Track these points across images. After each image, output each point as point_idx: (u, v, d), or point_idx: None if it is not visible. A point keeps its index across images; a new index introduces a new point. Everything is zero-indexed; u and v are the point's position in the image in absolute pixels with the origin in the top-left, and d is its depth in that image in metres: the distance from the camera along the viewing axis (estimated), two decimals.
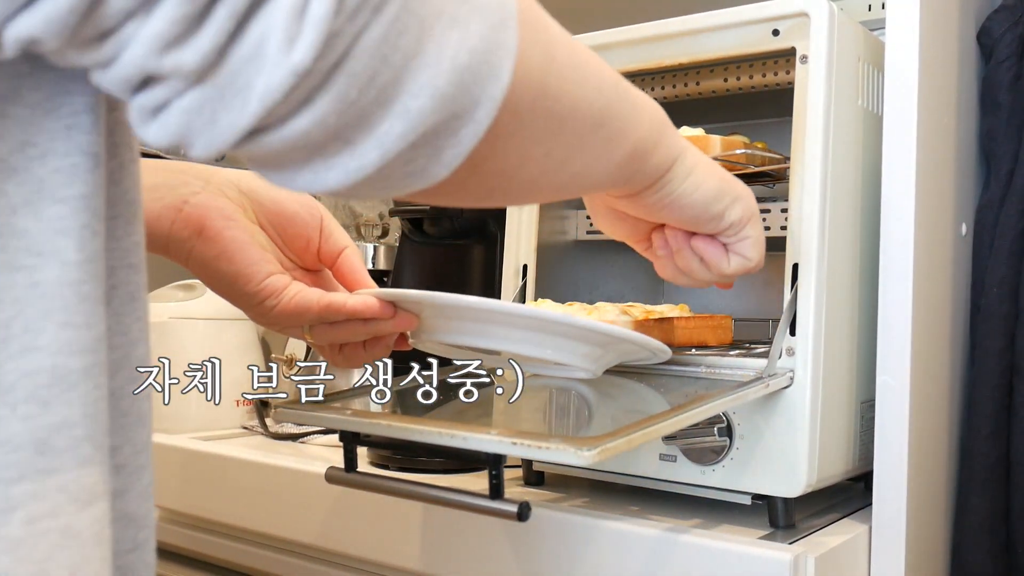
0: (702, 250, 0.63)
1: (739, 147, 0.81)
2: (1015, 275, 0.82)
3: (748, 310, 1.00)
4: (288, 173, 0.36)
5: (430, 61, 0.34)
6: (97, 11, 0.29)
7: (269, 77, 0.31)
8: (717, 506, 0.77)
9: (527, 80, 0.39)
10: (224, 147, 0.33)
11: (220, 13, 0.30)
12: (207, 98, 0.31)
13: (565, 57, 0.42)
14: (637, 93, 0.51)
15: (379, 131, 0.34)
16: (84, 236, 0.35)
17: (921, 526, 0.76)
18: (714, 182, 0.58)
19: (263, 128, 0.33)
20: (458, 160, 0.37)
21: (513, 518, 0.57)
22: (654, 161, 0.54)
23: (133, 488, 0.40)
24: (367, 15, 0.31)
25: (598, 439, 0.54)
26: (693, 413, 0.62)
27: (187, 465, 0.99)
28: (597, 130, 0.46)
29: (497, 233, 1.02)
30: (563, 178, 0.48)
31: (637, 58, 0.83)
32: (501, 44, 0.36)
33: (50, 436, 0.34)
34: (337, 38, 0.31)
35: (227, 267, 0.61)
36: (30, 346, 0.34)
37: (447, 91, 0.34)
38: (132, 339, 0.40)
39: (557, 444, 0.54)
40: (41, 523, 0.34)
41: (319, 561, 0.90)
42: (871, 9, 0.89)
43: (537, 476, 0.86)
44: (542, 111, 0.41)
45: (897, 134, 0.73)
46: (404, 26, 0.33)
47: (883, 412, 0.73)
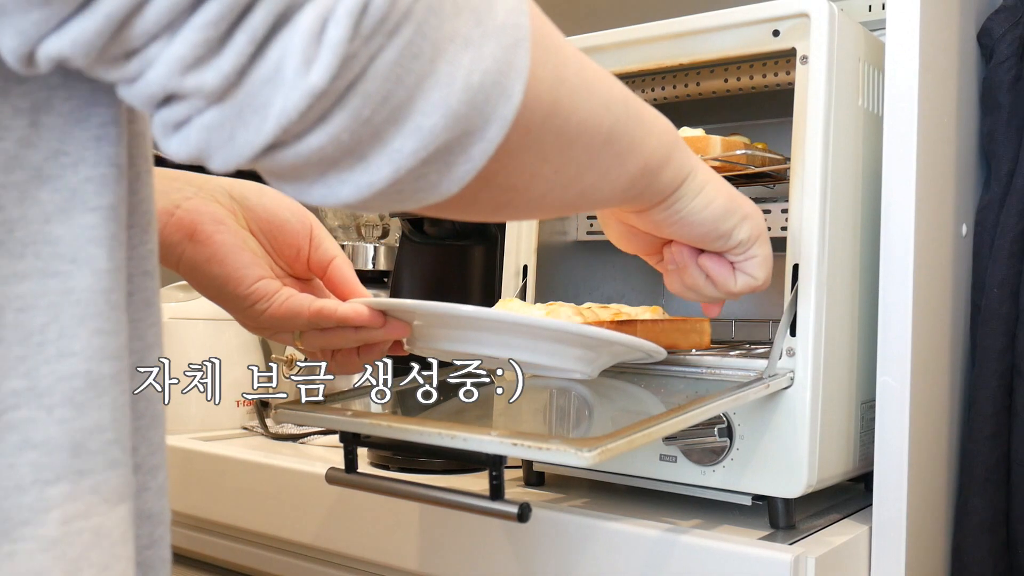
0: (709, 268, 0.63)
1: (739, 148, 0.81)
2: (1015, 275, 0.82)
3: (749, 311, 1.00)
4: (303, 185, 0.37)
5: (443, 81, 0.35)
6: (123, 33, 0.31)
7: (286, 98, 0.32)
8: (717, 507, 0.77)
9: (538, 99, 0.40)
10: (241, 162, 0.34)
11: (240, 38, 0.31)
12: (226, 116, 0.33)
13: (575, 77, 0.43)
14: (648, 111, 0.51)
15: (392, 148, 0.35)
16: (113, 245, 0.36)
17: (921, 527, 0.76)
18: (723, 200, 0.59)
19: (279, 144, 0.34)
20: (469, 176, 0.38)
21: (514, 519, 0.57)
22: (664, 178, 0.54)
23: (150, 487, 0.42)
24: (382, 39, 0.33)
25: (598, 440, 0.54)
26: (693, 414, 0.62)
27: (187, 465, 0.99)
28: (606, 147, 0.47)
29: (497, 234, 1.02)
30: (572, 194, 0.48)
31: (637, 58, 0.83)
32: (513, 65, 0.37)
33: (84, 439, 0.35)
34: (353, 60, 0.32)
35: (218, 270, 0.62)
36: (65, 351, 0.35)
37: (459, 110, 0.35)
38: (148, 344, 0.41)
39: (557, 445, 0.54)
40: (75, 523, 0.35)
41: (319, 561, 0.90)
42: (871, 9, 0.89)
43: (537, 477, 0.86)
44: (552, 129, 0.42)
45: (897, 134, 0.73)
46: (418, 49, 0.34)
47: (883, 413, 0.73)
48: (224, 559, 0.98)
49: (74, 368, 0.35)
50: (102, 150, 0.36)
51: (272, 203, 0.65)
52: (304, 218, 0.66)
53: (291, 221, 0.65)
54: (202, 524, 0.99)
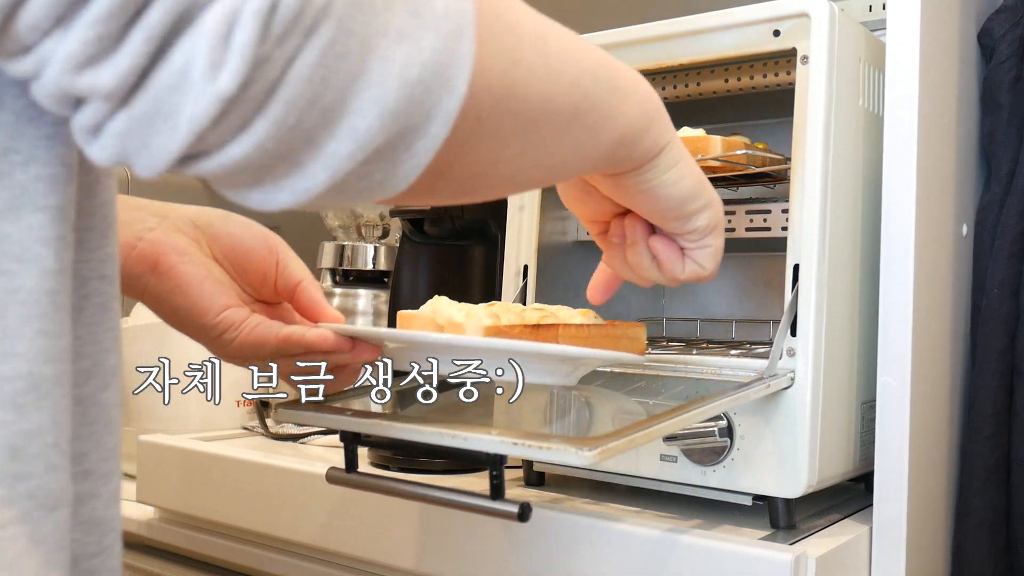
0: (659, 250, 0.61)
1: (740, 148, 0.81)
2: (1016, 275, 0.82)
3: (749, 311, 1.00)
4: (241, 191, 0.36)
5: (375, 80, 0.33)
6: (11, 27, 0.30)
7: (196, 104, 0.31)
8: (718, 507, 0.77)
9: (488, 86, 0.38)
10: (162, 169, 0.33)
11: (136, 36, 0.30)
12: (136, 122, 0.31)
13: (533, 55, 0.41)
14: (626, 78, 0.49)
15: (326, 152, 0.34)
16: (60, 247, 0.35)
17: (922, 527, 0.76)
18: (693, 181, 0.57)
19: (201, 153, 0.33)
20: (416, 172, 0.37)
21: (514, 518, 0.57)
22: (643, 146, 0.52)
23: (100, 493, 0.40)
24: (297, 39, 0.31)
25: (599, 439, 0.54)
26: (694, 413, 0.62)
27: (187, 465, 0.99)
28: (575, 123, 0.45)
29: (498, 234, 1.02)
30: (542, 171, 0.47)
31: (638, 58, 0.83)
32: (456, 54, 0.35)
33: (23, 442, 0.34)
34: (267, 64, 0.31)
35: (182, 300, 0.61)
36: (9, 352, 0.34)
37: (396, 108, 0.34)
38: (103, 348, 0.40)
39: (558, 444, 0.54)
40: (10, 528, 0.34)
41: (319, 561, 0.90)
42: (872, 10, 0.89)
43: (537, 476, 0.86)
44: (508, 113, 0.40)
45: (898, 134, 0.73)
46: (344, 48, 0.32)
47: (884, 413, 0.73)
48: (224, 559, 0.98)
49: (16, 369, 0.34)
50: (54, 149, 0.35)
51: (237, 230, 0.64)
52: (270, 243, 0.65)
53: (256, 247, 0.64)
54: (202, 524, 0.99)
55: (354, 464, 0.66)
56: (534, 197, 0.89)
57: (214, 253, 0.64)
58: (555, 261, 0.92)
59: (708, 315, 1.02)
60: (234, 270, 0.64)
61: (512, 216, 0.90)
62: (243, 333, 0.61)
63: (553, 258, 0.91)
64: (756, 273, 1.02)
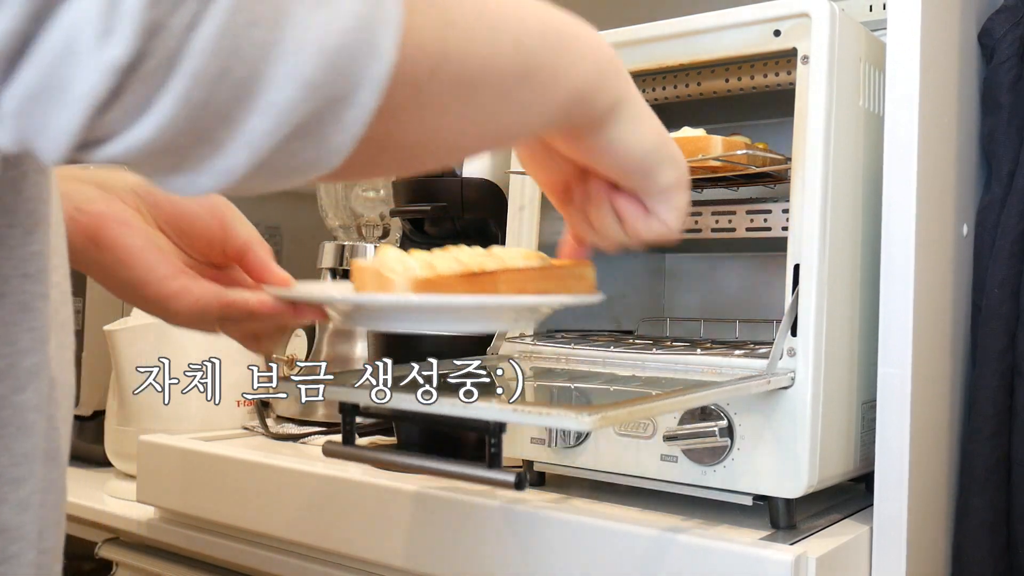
0: (623, 208, 0.59)
1: (740, 148, 0.81)
2: (1016, 276, 0.82)
3: (750, 311, 1.00)
4: (161, 177, 0.34)
5: (290, 48, 0.31)
6: None
7: (87, 76, 0.28)
8: (718, 506, 0.77)
9: (421, 50, 0.36)
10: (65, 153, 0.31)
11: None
12: (28, 98, 0.29)
13: (471, 17, 0.39)
14: (578, 35, 0.47)
15: (244, 129, 0.32)
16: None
17: (922, 527, 0.76)
18: (655, 137, 0.55)
19: (105, 136, 0.30)
20: (348, 145, 0.34)
21: (510, 487, 0.56)
22: (600, 103, 0.50)
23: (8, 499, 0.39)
24: (196, 4, 0.29)
25: (599, 407, 0.54)
26: (691, 397, 0.62)
27: (187, 465, 0.99)
28: (522, 84, 0.43)
29: (498, 233, 1.02)
30: (490, 136, 0.46)
31: (638, 58, 0.83)
32: (381, 19, 0.33)
33: None
34: (163, 31, 0.29)
35: (126, 274, 0.59)
36: None
37: (316, 78, 0.31)
38: (19, 349, 0.39)
39: (559, 411, 0.54)
40: None
41: (319, 561, 0.90)
42: (872, 10, 0.89)
43: (538, 476, 0.86)
44: (446, 78, 0.38)
45: (898, 134, 0.73)
46: (252, 15, 0.30)
47: (884, 413, 0.73)
48: (224, 559, 0.98)
49: None
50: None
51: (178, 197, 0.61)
52: (216, 207, 0.64)
53: (200, 213, 0.63)
54: (202, 524, 0.99)
55: (351, 437, 0.65)
56: (534, 197, 0.89)
57: (157, 221, 0.62)
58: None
59: (711, 315, 1.02)
60: (178, 237, 0.63)
61: (512, 216, 0.90)
62: (187, 303, 0.60)
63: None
64: (756, 273, 1.02)
